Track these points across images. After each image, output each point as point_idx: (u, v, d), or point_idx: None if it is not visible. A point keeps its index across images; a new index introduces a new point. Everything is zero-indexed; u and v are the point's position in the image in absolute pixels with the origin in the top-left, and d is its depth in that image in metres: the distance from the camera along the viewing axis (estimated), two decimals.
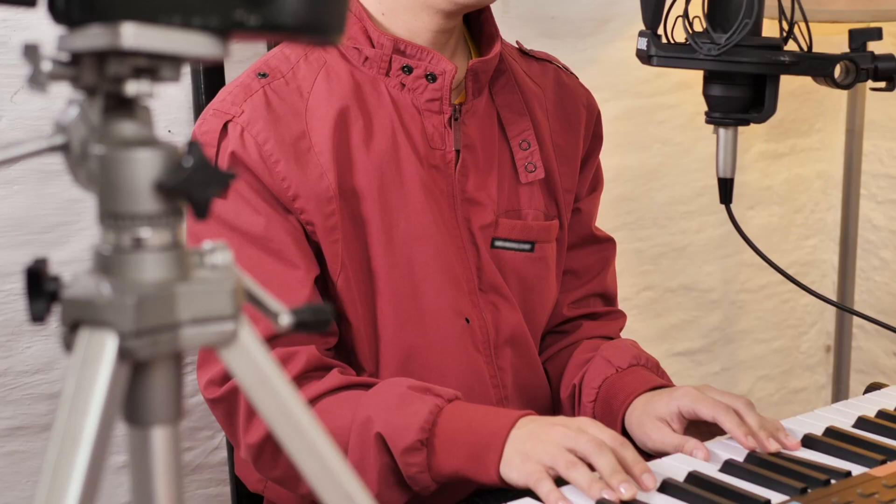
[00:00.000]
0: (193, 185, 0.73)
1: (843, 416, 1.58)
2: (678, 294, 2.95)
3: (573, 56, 2.45)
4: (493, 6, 1.68)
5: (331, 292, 1.59)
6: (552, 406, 1.80)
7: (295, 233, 1.56)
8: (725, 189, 1.61)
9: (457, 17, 1.63)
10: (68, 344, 0.74)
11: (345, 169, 1.57)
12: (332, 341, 1.59)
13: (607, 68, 2.63)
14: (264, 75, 1.59)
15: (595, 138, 1.82)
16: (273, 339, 1.50)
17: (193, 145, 0.74)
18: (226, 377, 1.52)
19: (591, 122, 1.81)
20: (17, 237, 1.96)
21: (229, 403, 1.55)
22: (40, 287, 0.75)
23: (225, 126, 1.55)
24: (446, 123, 1.63)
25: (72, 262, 2.00)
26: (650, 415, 1.56)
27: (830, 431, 1.53)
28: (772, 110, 1.53)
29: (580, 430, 1.40)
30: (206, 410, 1.89)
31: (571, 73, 1.85)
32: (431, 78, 1.60)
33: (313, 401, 1.51)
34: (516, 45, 1.81)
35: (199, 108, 1.79)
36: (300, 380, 1.53)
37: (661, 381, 1.64)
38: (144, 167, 0.74)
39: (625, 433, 1.60)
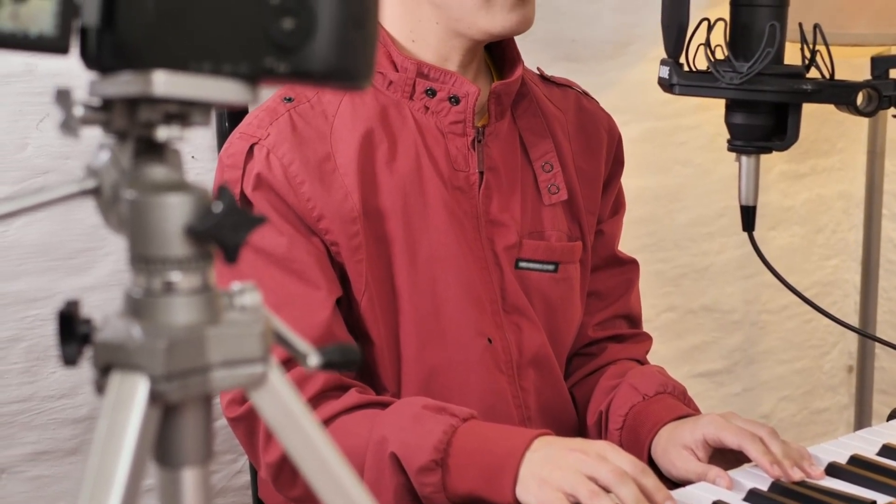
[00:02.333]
0: (224, 230, 0.74)
1: (867, 444, 1.58)
2: (699, 315, 2.95)
3: (594, 79, 2.46)
4: None
5: (354, 312, 1.60)
6: (577, 427, 1.80)
7: (318, 254, 1.57)
8: (748, 216, 1.61)
9: (482, 43, 1.65)
10: (100, 387, 0.75)
11: (369, 190, 1.58)
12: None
13: (627, 90, 2.63)
14: (290, 99, 1.61)
15: (616, 162, 1.83)
16: (292, 359, 1.50)
17: (223, 190, 0.75)
18: (246, 396, 1.52)
19: (612, 146, 1.82)
20: (42, 263, 1.98)
21: (249, 422, 1.56)
22: (72, 330, 0.76)
23: (251, 149, 1.57)
24: (470, 146, 1.64)
25: (96, 287, 2.01)
26: (675, 443, 1.56)
27: (855, 460, 1.53)
28: (794, 138, 1.53)
29: (600, 456, 1.40)
30: (230, 434, 1.89)
31: (592, 97, 1.86)
32: (455, 101, 1.61)
33: (330, 420, 1.52)
34: (537, 71, 1.82)
35: (222, 135, 1.80)
36: (318, 399, 1.54)
37: (687, 410, 1.64)
38: (175, 212, 0.74)
39: (650, 461, 1.60)
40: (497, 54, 1.73)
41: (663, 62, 1.55)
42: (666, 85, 1.55)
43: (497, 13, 1.57)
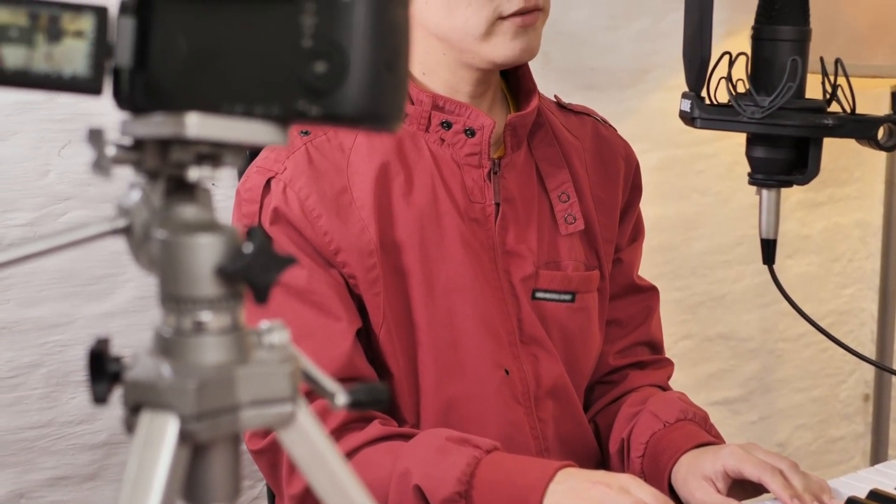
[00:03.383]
0: (254, 271, 0.74)
1: (886, 479, 1.58)
2: (716, 343, 2.94)
3: (612, 107, 2.46)
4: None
5: (373, 344, 1.60)
6: (597, 458, 1.80)
7: (337, 286, 1.57)
8: (768, 249, 1.61)
9: (494, 73, 1.65)
10: (130, 426, 0.75)
11: (386, 222, 1.58)
12: None
13: (646, 119, 2.64)
14: (306, 132, 1.61)
15: (634, 189, 1.83)
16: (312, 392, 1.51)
17: (253, 230, 0.75)
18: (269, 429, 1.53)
19: (629, 174, 1.81)
20: (63, 289, 1.99)
21: (272, 455, 1.56)
22: (103, 368, 0.77)
23: (268, 182, 1.58)
24: (485, 177, 1.64)
25: (116, 313, 2.02)
26: (695, 473, 1.56)
27: (874, 494, 1.52)
28: (815, 172, 1.54)
29: (623, 489, 1.40)
30: (248, 460, 1.89)
31: (609, 125, 1.86)
32: (470, 133, 1.62)
33: (353, 452, 1.52)
34: (554, 99, 1.82)
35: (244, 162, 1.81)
36: (340, 431, 1.54)
37: (708, 438, 1.64)
38: (206, 252, 0.75)
39: (671, 490, 1.60)
40: (513, 84, 1.73)
41: (685, 95, 1.55)
42: (687, 118, 1.55)
43: (499, 42, 1.57)
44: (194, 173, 0.76)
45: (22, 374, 1.99)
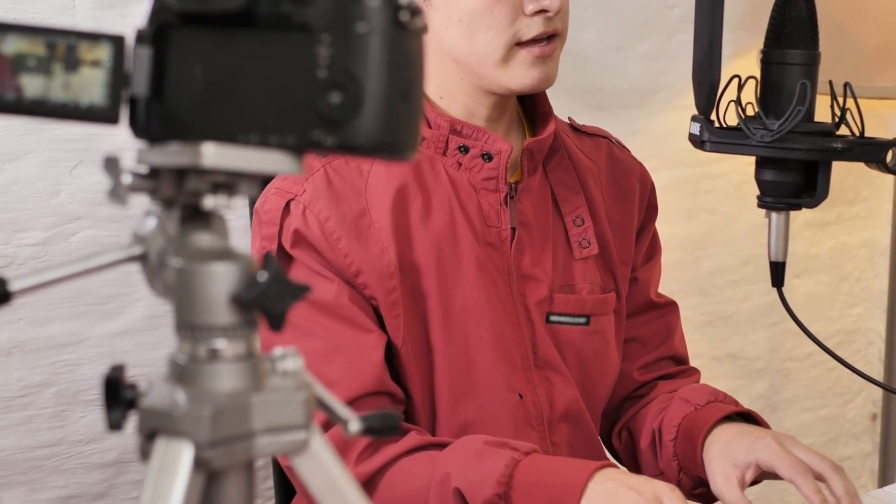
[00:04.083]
0: (269, 299, 0.75)
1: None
2: (724, 362, 2.95)
3: (620, 127, 2.47)
4: None
5: (393, 365, 1.60)
6: None
7: (362, 302, 1.58)
8: (777, 272, 1.61)
9: (510, 98, 1.66)
10: (145, 453, 0.76)
11: (404, 245, 1.59)
12: (401, 410, 1.61)
13: (654, 138, 2.65)
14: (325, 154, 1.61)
15: (650, 209, 1.83)
16: (352, 405, 1.52)
17: (268, 259, 0.76)
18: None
19: (644, 195, 1.82)
20: (74, 308, 1.99)
21: None
22: (118, 395, 0.77)
23: (287, 205, 1.58)
24: (502, 201, 1.64)
25: (126, 332, 2.03)
26: (726, 457, 1.56)
27: None
28: (823, 196, 1.54)
29: (656, 498, 1.41)
30: (258, 478, 1.90)
31: (624, 146, 1.86)
32: (488, 157, 1.62)
33: (391, 462, 1.52)
34: (568, 121, 1.83)
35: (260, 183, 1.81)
36: (377, 444, 1.54)
37: (741, 408, 1.66)
38: (221, 280, 0.76)
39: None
40: (529, 107, 1.74)
41: (694, 118, 1.56)
42: (697, 141, 1.56)
43: (517, 70, 1.58)
44: (210, 202, 0.77)
45: (32, 394, 1.99)
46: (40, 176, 1.95)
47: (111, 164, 0.77)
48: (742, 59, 2.60)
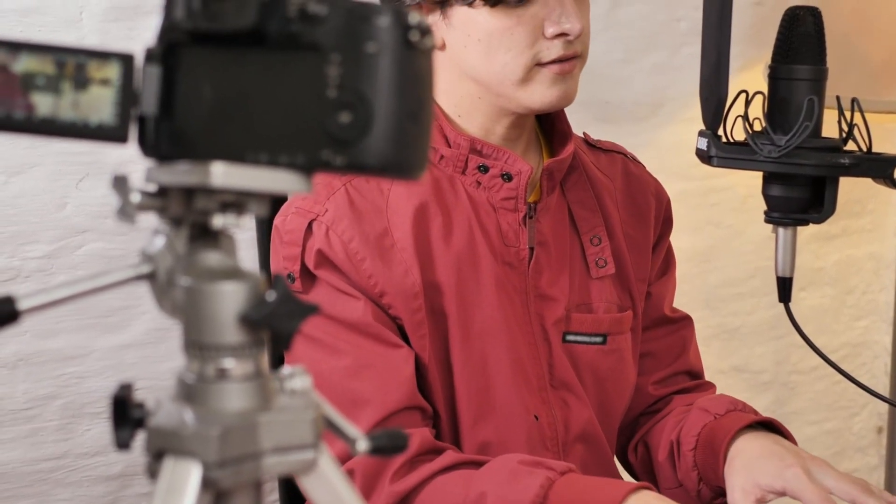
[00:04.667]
0: (277, 319, 0.75)
1: None
2: (730, 376, 2.94)
3: (627, 140, 2.46)
4: None
5: (419, 383, 1.59)
6: None
7: (388, 320, 1.57)
8: (784, 288, 1.61)
9: (529, 117, 1.65)
10: (153, 472, 0.76)
11: (426, 264, 1.58)
12: (431, 425, 1.60)
13: (660, 151, 2.64)
14: None
15: (665, 223, 1.82)
16: (386, 421, 1.51)
17: (277, 279, 0.76)
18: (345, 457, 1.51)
19: (660, 211, 1.81)
20: (80, 321, 1.99)
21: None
22: (126, 414, 0.77)
23: (310, 225, 1.57)
24: (521, 221, 1.64)
25: (132, 345, 2.03)
26: (750, 473, 1.54)
27: None
28: (831, 211, 1.54)
29: None
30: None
31: (638, 162, 1.85)
32: (507, 177, 1.61)
33: (426, 480, 1.51)
34: (583, 137, 1.82)
35: (276, 202, 1.81)
36: (413, 462, 1.53)
37: (762, 417, 1.64)
38: (229, 300, 0.75)
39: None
40: (547, 126, 1.73)
41: (702, 134, 1.56)
42: (704, 157, 1.55)
43: (536, 88, 1.57)
44: (219, 221, 0.77)
45: (38, 406, 1.99)
46: (46, 189, 1.95)
47: (120, 183, 0.77)
48: (748, 73, 2.60)
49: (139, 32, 1.99)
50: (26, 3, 1.92)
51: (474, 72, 1.58)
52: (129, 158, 0.78)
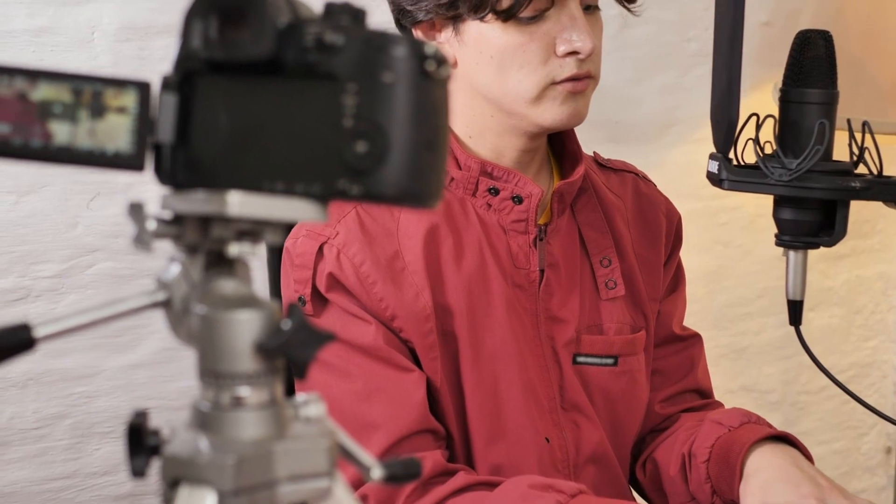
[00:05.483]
0: (293, 347, 0.75)
1: None
2: (738, 395, 2.94)
3: (636, 160, 2.46)
4: None
5: (432, 406, 1.59)
6: None
7: (399, 343, 1.57)
8: (795, 311, 1.61)
9: (541, 138, 1.65)
10: (168, 500, 0.76)
11: (437, 286, 1.58)
12: (444, 447, 1.60)
13: (670, 171, 2.64)
14: None
15: (676, 240, 1.82)
16: (398, 445, 1.51)
17: (293, 307, 0.76)
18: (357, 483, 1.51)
19: (671, 230, 1.81)
20: (89, 340, 2.00)
21: None
22: (141, 442, 0.77)
23: (321, 248, 1.57)
24: (531, 243, 1.63)
25: (141, 365, 2.03)
26: (765, 495, 1.53)
27: None
28: (842, 234, 1.54)
29: None
30: None
31: (649, 181, 1.85)
32: (518, 200, 1.61)
33: (439, 503, 1.51)
34: (593, 156, 1.82)
35: (289, 228, 1.81)
36: (425, 485, 1.52)
37: (776, 430, 1.63)
38: (245, 328, 0.75)
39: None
40: (558, 148, 1.73)
41: (712, 157, 1.56)
42: (715, 180, 1.55)
43: (548, 106, 1.57)
44: (234, 249, 0.77)
45: (47, 426, 1.99)
46: (58, 208, 1.96)
47: (136, 211, 0.77)
48: (757, 93, 2.60)
49: (151, 52, 2.00)
50: (38, 23, 1.92)
51: (487, 89, 1.58)
52: (140, 179, 0.78)
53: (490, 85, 1.57)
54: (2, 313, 1.95)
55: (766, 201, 1.60)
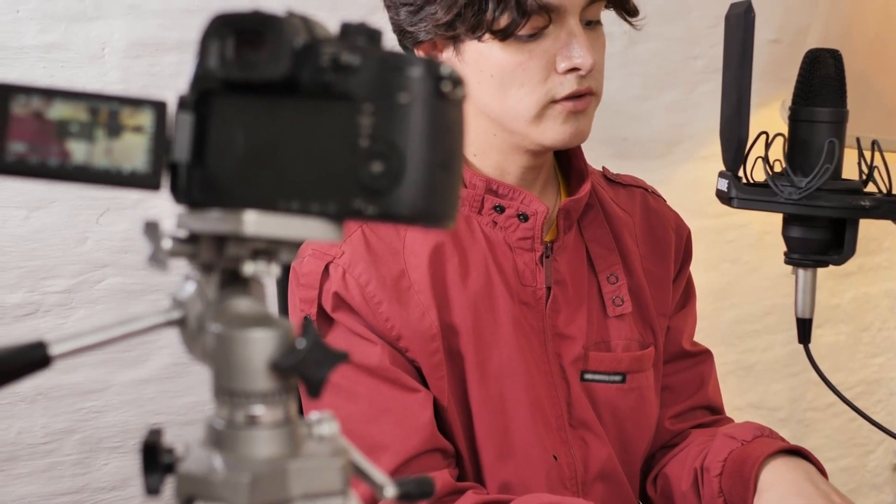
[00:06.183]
0: (308, 366, 0.75)
1: None
2: (745, 412, 2.94)
3: (644, 177, 2.45)
4: None
5: (440, 425, 1.59)
6: None
7: (405, 363, 1.57)
8: (804, 329, 1.61)
9: (545, 155, 1.65)
10: None
11: (442, 305, 1.58)
12: (453, 464, 1.60)
13: (677, 188, 2.65)
14: None
15: (685, 256, 1.81)
16: (405, 465, 1.51)
17: (307, 325, 0.76)
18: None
19: (680, 245, 1.80)
20: (98, 356, 2.00)
21: None
22: (155, 460, 0.77)
23: (326, 267, 1.57)
24: (538, 261, 1.63)
25: (150, 380, 2.03)
26: None
27: None
28: (851, 253, 1.54)
29: None
30: None
31: (658, 196, 1.85)
32: (523, 218, 1.61)
33: None
34: (601, 171, 1.82)
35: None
36: None
37: (789, 444, 1.62)
38: (260, 347, 0.76)
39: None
40: (564, 164, 1.72)
41: (722, 175, 1.56)
42: (725, 198, 1.56)
43: (549, 125, 1.56)
44: (249, 268, 0.77)
45: (56, 440, 2.00)
46: (67, 224, 1.96)
47: (151, 229, 0.77)
48: (765, 110, 2.60)
49: (161, 69, 2.00)
50: (49, 39, 1.93)
51: (488, 108, 1.58)
52: (149, 195, 0.78)
53: (491, 104, 1.57)
54: (12, 328, 1.96)
55: (773, 218, 1.60)
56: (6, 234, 1.95)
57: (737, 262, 2.83)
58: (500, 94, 1.55)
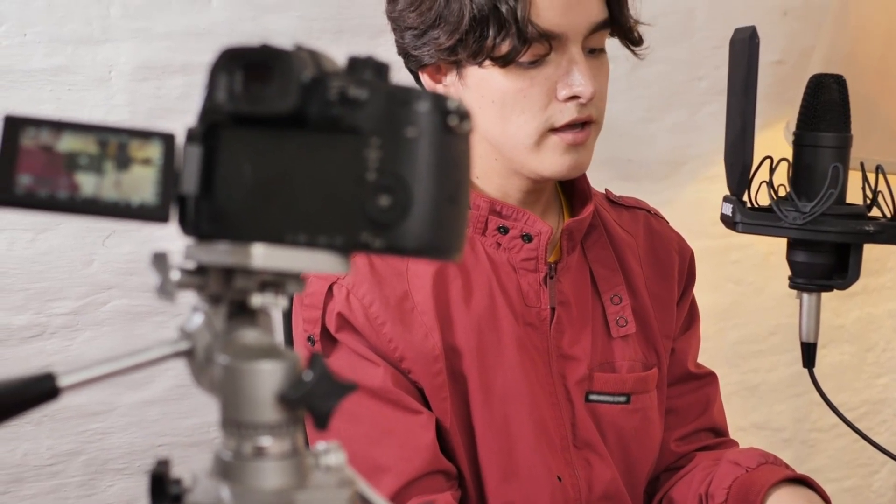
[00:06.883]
0: (315, 398, 0.75)
1: None
2: (749, 433, 2.93)
3: (648, 198, 2.46)
4: None
5: (443, 446, 1.59)
6: None
7: (408, 385, 1.57)
8: (809, 353, 1.61)
9: (547, 181, 1.65)
10: None
11: (446, 327, 1.58)
12: (456, 486, 1.60)
13: (681, 210, 2.65)
14: None
15: (689, 277, 1.82)
16: (408, 488, 1.51)
17: (315, 357, 0.76)
18: None
19: (683, 266, 1.80)
20: None
21: None
22: (163, 491, 0.78)
23: (330, 288, 1.57)
24: (541, 282, 1.63)
25: (155, 401, 2.03)
26: None
27: None
28: (855, 277, 1.55)
29: None
30: None
31: (661, 217, 1.85)
32: (527, 238, 1.61)
33: None
34: (605, 194, 1.82)
35: None
36: None
37: (798, 474, 1.63)
38: (267, 379, 0.76)
39: None
40: (567, 185, 1.73)
41: (726, 199, 1.56)
42: (729, 222, 1.56)
43: (547, 156, 1.57)
44: (257, 300, 0.78)
45: (61, 462, 2.00)
46: (74, 246, 1.97)
47: (159, 261, 0.78)
48: (769, 132, 2.61)
49: (168, 91, 2.01)
50: (56, 62, 1.94)
51: (489, 134, 1.58)
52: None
53: (492, 129, 1.58)
54: (18, 350, 1.96)
55: (778, 239, 1.60)
56: (13, 257, 1.95)
57: (741, 282, 2.83)
58: (502, 121, 1.56)
